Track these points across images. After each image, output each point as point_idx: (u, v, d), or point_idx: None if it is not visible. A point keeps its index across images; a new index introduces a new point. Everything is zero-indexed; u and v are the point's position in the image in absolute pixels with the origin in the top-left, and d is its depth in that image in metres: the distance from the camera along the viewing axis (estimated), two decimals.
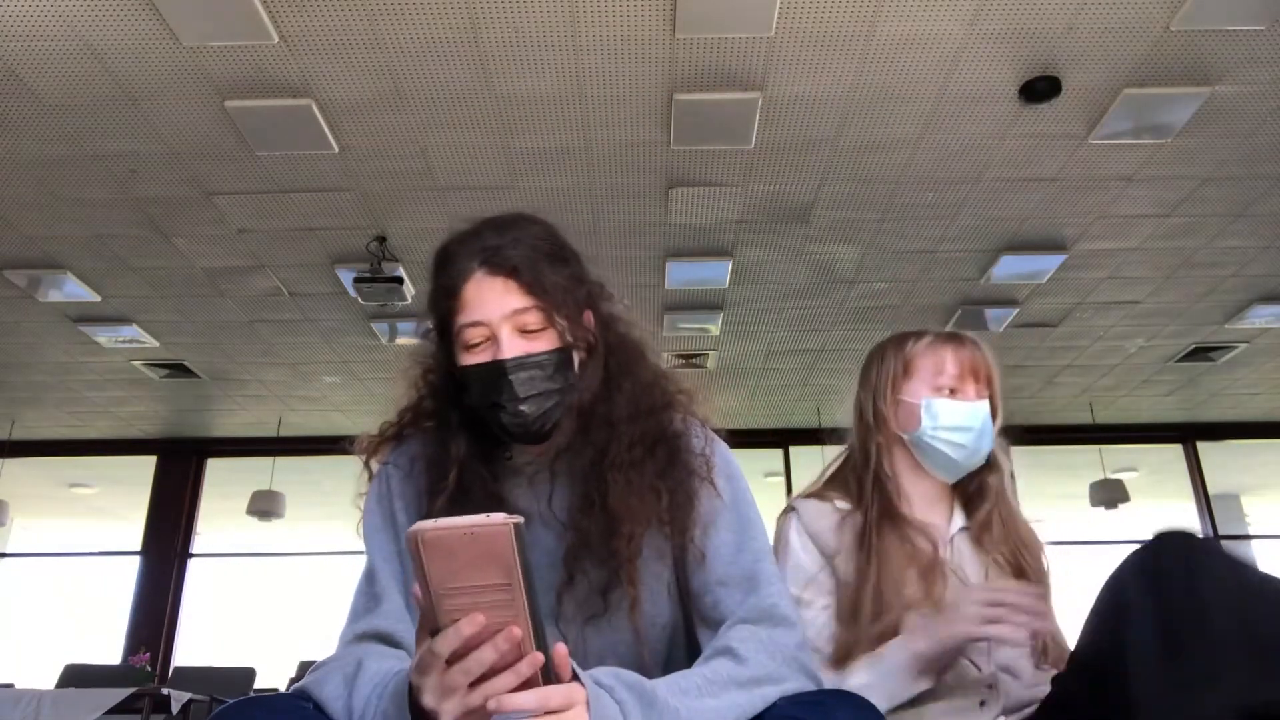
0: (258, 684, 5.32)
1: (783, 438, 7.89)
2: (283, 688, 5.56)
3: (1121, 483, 7.59)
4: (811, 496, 1.57)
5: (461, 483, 1.14)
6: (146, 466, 8.07)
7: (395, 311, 5.53)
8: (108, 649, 7.54)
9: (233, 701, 0.99)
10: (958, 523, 1.55)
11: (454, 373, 1.14)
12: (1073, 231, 4.86)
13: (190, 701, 4.61)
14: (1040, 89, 3.69)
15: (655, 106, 3.81)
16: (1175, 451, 8.15)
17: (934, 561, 1.45)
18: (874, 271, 5.28)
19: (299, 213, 4.59)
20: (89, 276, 5.17)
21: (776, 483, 7.99)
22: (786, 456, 7.98)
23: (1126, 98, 3.74)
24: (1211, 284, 5.44)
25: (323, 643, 6.50)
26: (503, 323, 1.09)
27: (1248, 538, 9.13)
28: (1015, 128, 3.97)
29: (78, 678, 5.08)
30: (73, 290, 5.29)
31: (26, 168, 4.15)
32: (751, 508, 1.18)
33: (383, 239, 4.82)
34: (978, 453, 1.52)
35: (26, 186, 4.30)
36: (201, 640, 7.95)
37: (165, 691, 4.56)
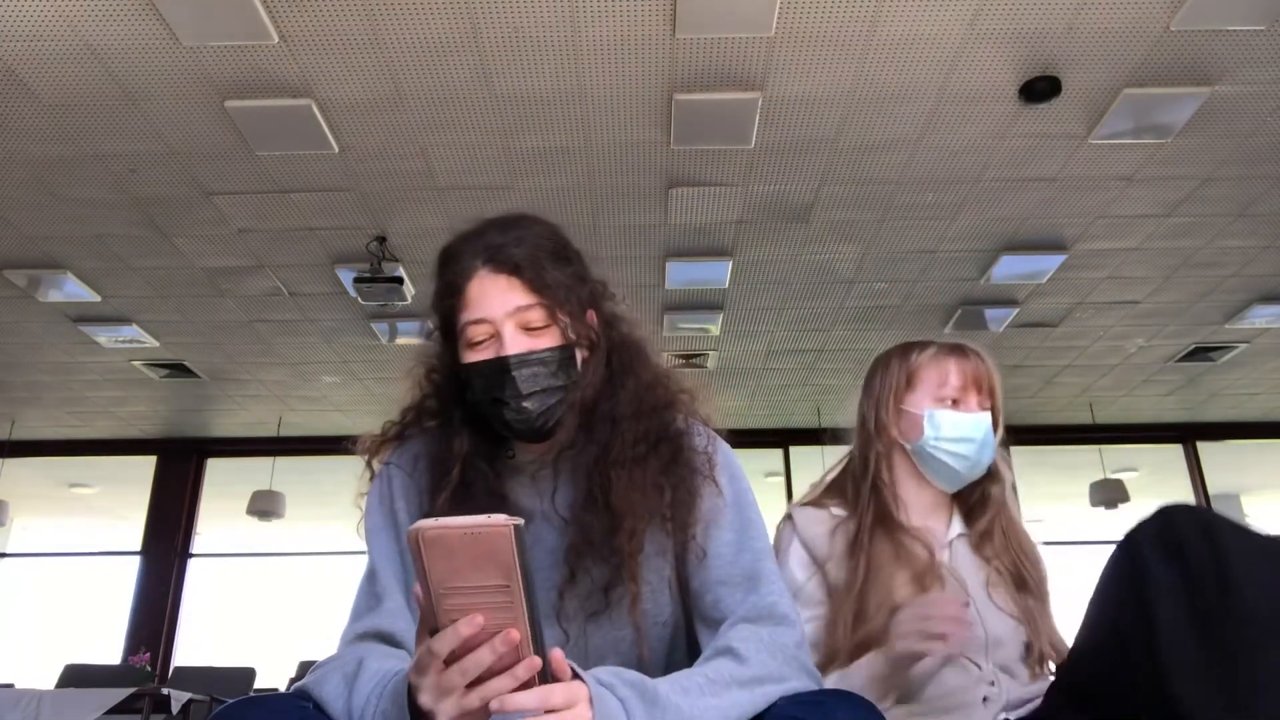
0: (258, 684, 5.31)
1: (783, 438, 7.89)
2: (283, 688, 5.56)
3: (1121, 483, 7.59)
4: (809, 505, 1.59)
5: (464, 480, 1.14)
6: (146, 466, 8.06)
7: (395, 311, 5.53)
8: (108, 649, 7.54)
9: (232, 701, 0.99)
10: (956, 529, 1.57)
11: (457, 371, 1.14)
12: (1073, 231, 4.86)
13: (190, 701, 4.61)
14: (1040, 89, 3.69)
15: (655, 106, 3.81)
16: (1175, 451, 8.15)
17: (929, 566, 1.46)
18: (874, 271, 5.28)
19: (299, 213, 4.59)
20: (89, 276, 5.17)
21: (776, 483, 7.98)
22: (786, 456, 7.98)
23: (1126, 98, 3.74)
24: (1211, 284, 5.44)
25: (323, 643, 6.50)
26: (506, 320, 1.10)
27: None
28: (1015, 128, 3.97)
29: (78, 678, 5.08)
30: (73, 290, 5.29)
31: (26, 168, 4.15)
32: (753, 508, 1.18)
33: (383, 239, 4.82)
34: (979, 464, 1.54)
35: (26, 186, 4.30)
36: (201, 640, 7.95)
37: (165, 691, 4.55)
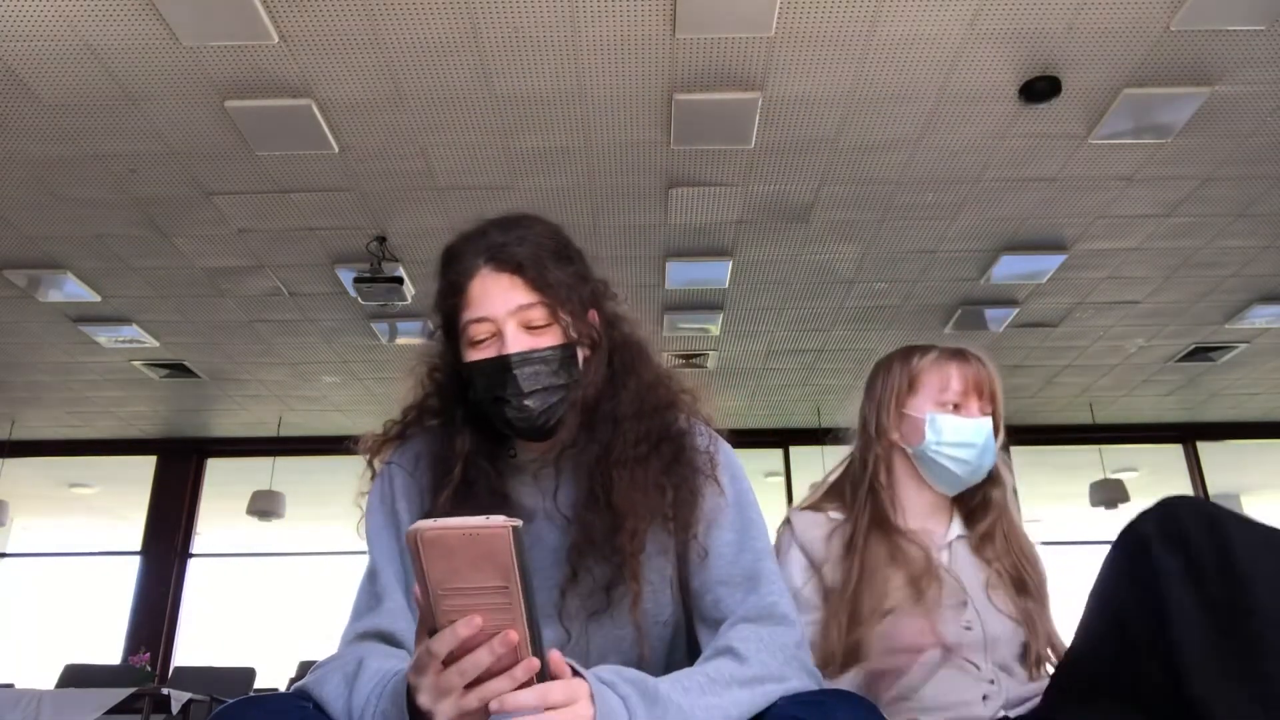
0: (258, 684, 5.31)
1: (783, 438, 7.89)
2: (283, 688, 5.56)
3: (1121, 483, 7.59)
4: (807, 509, 1.60)
5: (466, 478, 1.14)
6: (146, 466, 8.06)
7: (395, 311, 5.53)
8: (108, 649, 7.54)
9: (232, 701, 0.99)
10: (956, 530, 1.57)
11: (460, 370, 1.15)
12: (1073, 231, 4.86)
13: (190, 701, 4.61)
14: (1040, 89, 3.69)
15: (655, 106, 3.81)
16: (1175, 451, 8.15)
17: (925, 569, 1.46)
18: (874, 271, 5.28)
19: (299, 213, 4.59)
20: (89, 276, 5.17)
21: (776, 483, 7.98)
22: (786, 456, 7.98)
23: (1126, 98, 3.74)
24: (1211, 284, 5.44)
25: (323, 643, 6.51)
26: (508, 318, 1.10)
27: None
28: (1015, 128, 3.97)
29: (78, 678, 5.08)
30: (73, 290, 5.29)
31: (26, 168, 4.15)
32: (754, 508, 1.18)
33: (383, 239, 4.82)
34: (980, 469, 1.55)
35: (26, 186, 4.30)
36: (201, 640, 7.95)
37: (165, 691, 4.55)
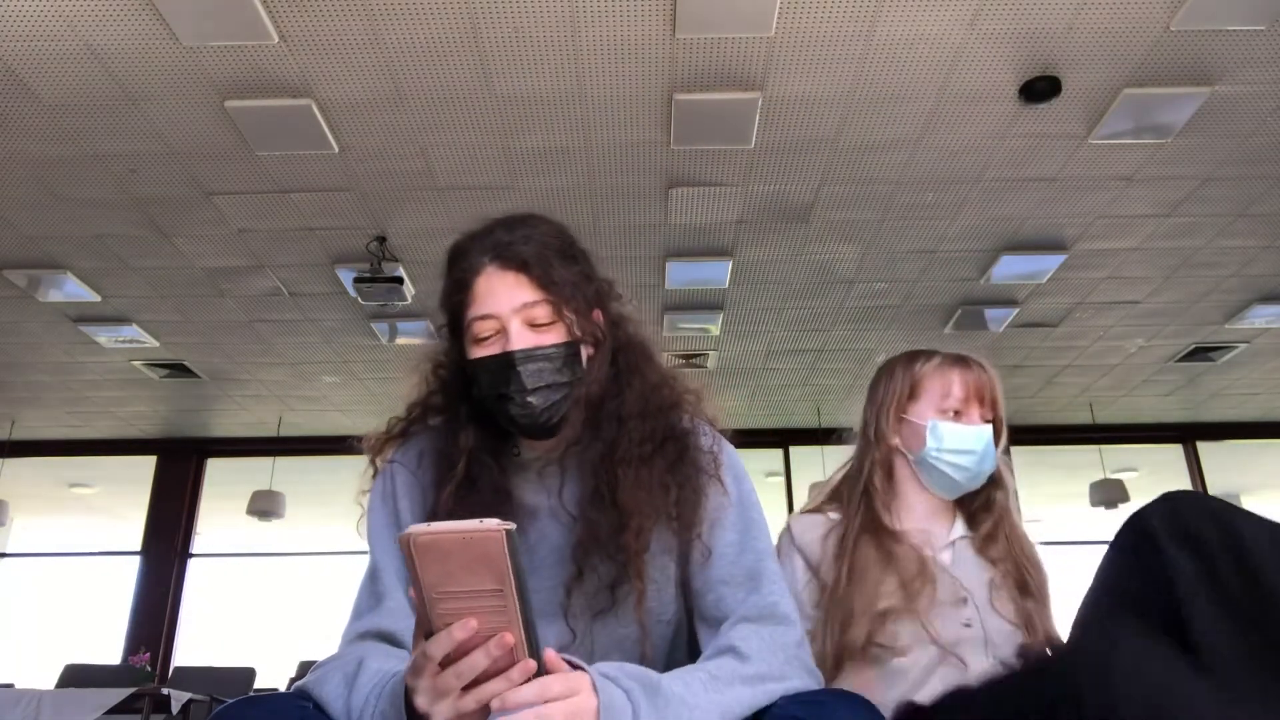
0: (258, 684, 5.31)
1: (783, 438, 7.89)
2: (283, 688, 5.56)
3: (1121, 483, 7.59)
4: (807, 512, 1.61)
5: (469, 474, 1.15)
6: (146, 466, 8.06)
7: (395, 311, 5.53)
8: (108, 649, 7.54)
9: (232, 701, 0.99)
10: (959, 530, 1.58)
11: (465, 367, 1.15)
12: (1073, 231, 4.86)
13: (190, 701, 4.61)
14: (1040, 89, 3.69)
15: (655, 106, 3.81)
16: (1175, 451, 8.14)
17: (919, 570, 1.47)
18: (874, 271, 5.28)
19: (299, 213, 4.59)
20: (89, 276, 5.17)
21: (776, 483, 7.98)
22: (786, 456, 7.98)
23: (1126, 98, 3.74)
24: (1211, 284, 5.44)
25: (323, 643, 6.50)
26: (512, 316, 1.11)
27: None
28: (1015, 128, 3.97)
29: (78, 678, 5.08)
30: (73, 290, 5.29)
31: (26, 168, 4.15)
32: (756, 509, 1.19)
33: (383, 239, 4.82)
34: (979, 476, 1.56)
35: (26, 186, 4.30)
36: (201, 640, 7.95)
37: (165, 691, 4.56)
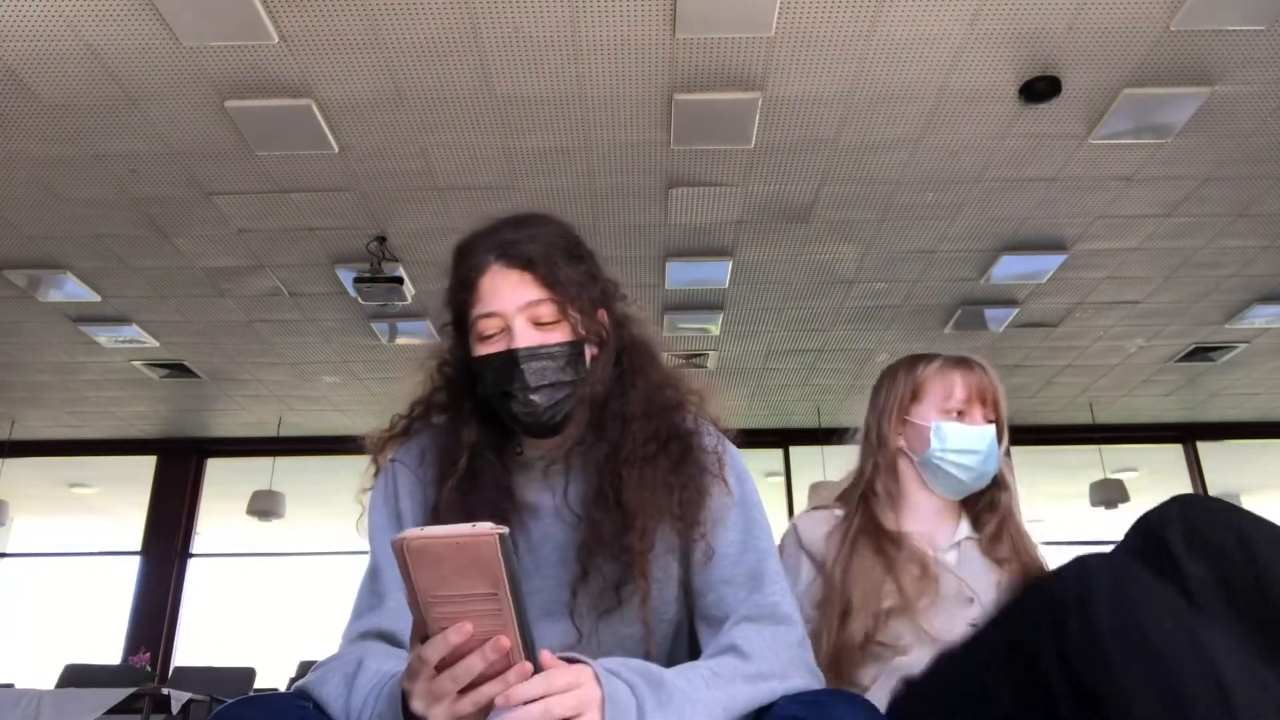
0: (258, 684, 5.31)
1: (783, 438, 7.89)
2: (283, 688, 5.56)
3: (1121, 483, 7.59)
4: (814, 509, 1.62)
5: (470, 469, 1.15)
6: (146, 466, 8.06)
7: (395, 311, 5.53)
8: (108, 649, 7.54)
9: (232, 701, 0.98)
10: (964, 531, 1.59)
11: (469, 365, 1.15)
12: (1073, 231, 4.86)
13: (190, 701, 4.61)
14: (1040, 89, 3.69)
15: (655, 106, 3.81)
16: (1175, 451, 8.14)
17: (920, 572, 1.48)
18: (874, 271, 5.28)
19: (299, 213, 4.59)
20: (89, 276, 5.17)
21: (776, 483, 7.98)
22: (786, 456, 7.98)
23: (1126, 98, 3.74)
24: (1211, 284, 5.44)
25: (323, 643, 6.50)
26: (517, 314, 1.11)
27: None
28: (1015, 128, 3.97)
29: (78, 678, 5.08)
30: (73, 290, 5.29)
31: (26, 168, 4.15)
32: (758, 509, 1.19)
33: (383, 239, 4.82)
34: (984, 475, 1.57)
35: (26, 186, 4.29)
36: (201, 640, 7.95)
37: (165, 691, 4.55)
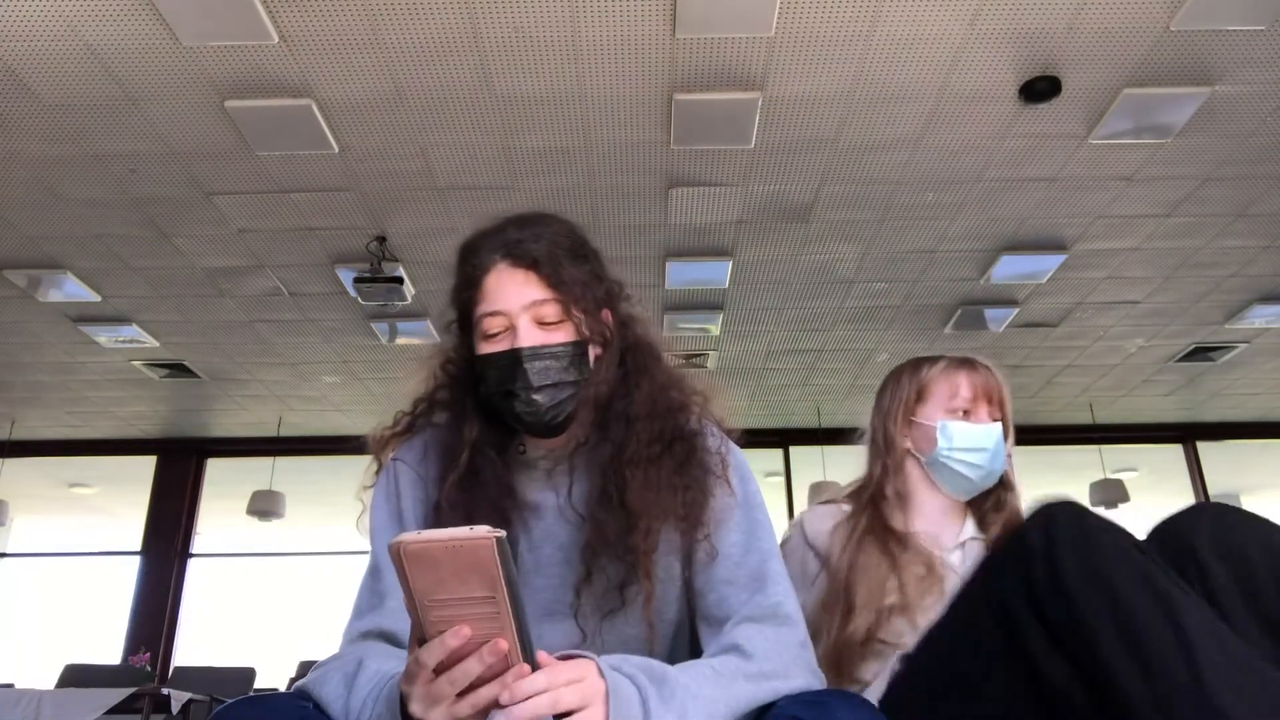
0: (258, 684, 5.31)
1: (783, 438, 7.89)
2: (283, 688, 5.56)
3: (1121, 483, 7.59)
4: (825, 504, 1.62)
5: (472, 466, 1.15)
6: (146, 466, 8.06)
7: (395, 311, 5.53)
8: (108, 649, 7.54)
9: (232, 701, 0.98)
10: (969, 531, 1.59)
11: (473, 363, 1.15)
12: (1073, 231, 4.86)
13: (190, 701, 4.61)
14: (1040, 89, 3.69)
15: (655, 106, 3.81)
16: (1175, 451, 8.15)
17: (929, 571, 1.48)
18: (874, 271, 5.28)
19: (299, 213, 4.59)
20: (89, 276, 5.17)
21: (776, 483, 7.98)
22: (786, 456, 7.98)
23: (1126, 98, 3.74)
24: (1211, 284, 5.44)
25: (323, 643, 6.50)
26: (521, 313, 1.11)
27: None
28: (1015, 128, 3.97)
29: (78, 678, 5.08)
30: (73, 290, 5.29)
31: (26, 168, 4.15)
32: (761, 510, 1.19)
33: (383, 239, 4.82)
34: (992, 473, 1.57)
35: (26, 186, 4.29)
36: (201, 640, 7.95)
37: (165, 691, 4.56)
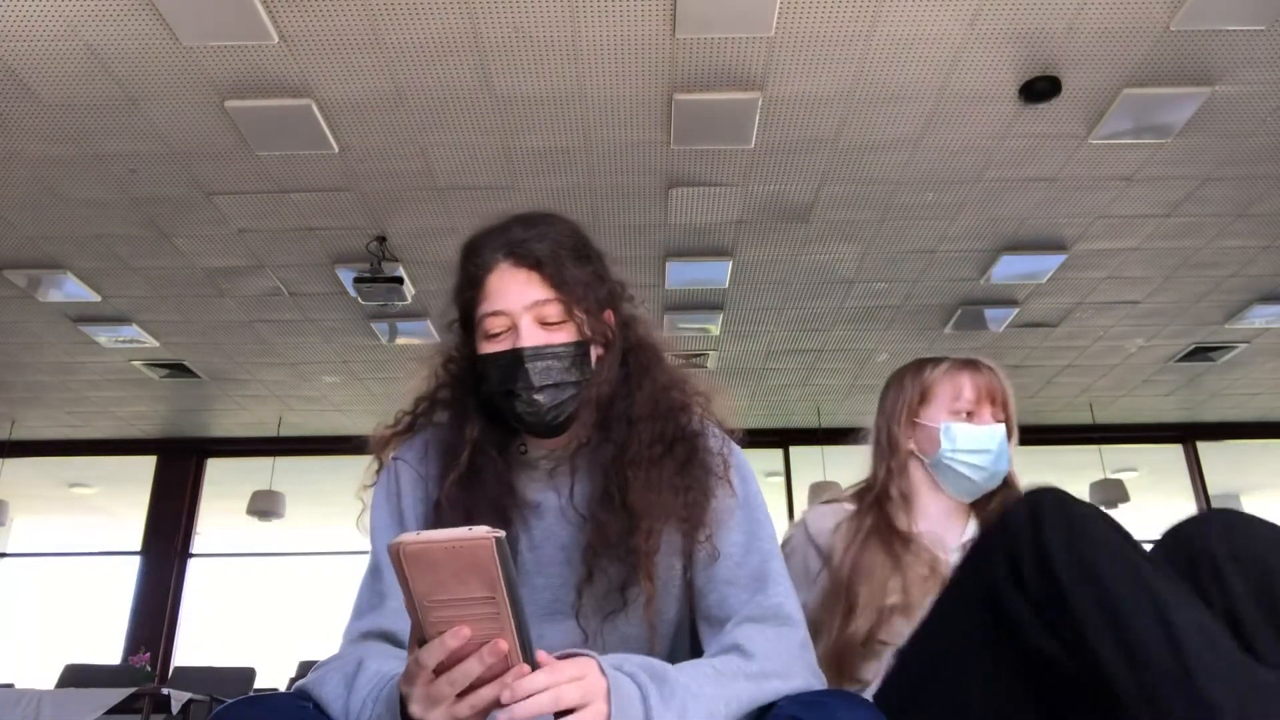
0: (258, 684, 5.31)
1: (783, 438, 7.89)
2: (283, 688, 5.56)
3: (1121, 483, 7.59)
4: (828, 502, 1.62)
5: (473, 465, 1.15)
6: (146, 466, 8.06)
7: (395, 311, 5.53)
8: (108, 649, 7.54)
9: (232, 701, 0.98)
10: (971, 532, 1.59)
11: (475, 362, 1.15)
12: (1073, 231, 4.86)
13: (190, 701, 4.61)
14: (1040, 89, 3.69)
15: (655, 106, 3.81)
16: (1175, 451, 8.14)
17: (932, 571, 1.48)
18: (874, 271, 5.28)
19: (299, 213, 4.59)
20: (89, 276, 5.17)
21: (776, 483, 7.98)
22: (786, 456, 7.98)
23: (1126, 98, 3.74)
24: (1211, 284, 5.44)
25: (323, 643, 6.50)
26: (524, 313, 1.11)
27: None
28: (1015, 128, 3.97)
29: (78, 678, 5.08)
30: (73, 290, 5.29)
31: (26, 168, 4.15)
32: (762, 510, 1.19)
33: (383, 239, 4.82)
34: (996, 474, 1.57)
35: (26, 186, 4.29)
36: (201, 640, 7.95)
37: (165, 691, 4.56)
